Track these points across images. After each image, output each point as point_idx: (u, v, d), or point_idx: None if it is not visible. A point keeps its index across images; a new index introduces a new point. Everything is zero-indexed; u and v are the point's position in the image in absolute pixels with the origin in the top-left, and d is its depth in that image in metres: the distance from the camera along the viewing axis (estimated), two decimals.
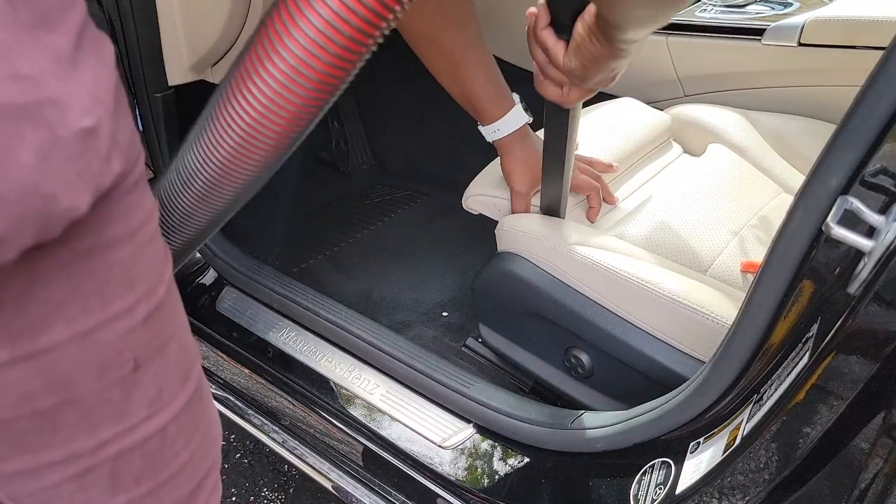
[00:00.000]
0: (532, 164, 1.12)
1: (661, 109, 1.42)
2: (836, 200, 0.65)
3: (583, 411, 1.00)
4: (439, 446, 1.06)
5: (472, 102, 1.08)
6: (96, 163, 0.40)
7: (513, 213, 1.15)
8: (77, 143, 0.39)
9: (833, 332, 0.66)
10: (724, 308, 0.94)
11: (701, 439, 0.81)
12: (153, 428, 0.52)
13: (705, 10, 1.56)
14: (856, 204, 0.63)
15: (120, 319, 0.47)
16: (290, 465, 1.22)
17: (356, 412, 1.15)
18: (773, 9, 1.52)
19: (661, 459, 0.85)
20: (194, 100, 1.39)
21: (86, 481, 0.50)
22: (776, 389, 0.72)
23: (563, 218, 1.14)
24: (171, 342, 0.52)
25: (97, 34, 0.43)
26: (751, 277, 0.80)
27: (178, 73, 1.29)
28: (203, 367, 0.65)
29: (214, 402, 0.64)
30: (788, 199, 0.74)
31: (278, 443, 1.22)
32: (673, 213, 1.18)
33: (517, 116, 1.10)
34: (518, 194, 1.14)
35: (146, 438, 0.52)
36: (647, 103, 1.42)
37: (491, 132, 1.11)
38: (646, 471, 0.86)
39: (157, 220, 0.51)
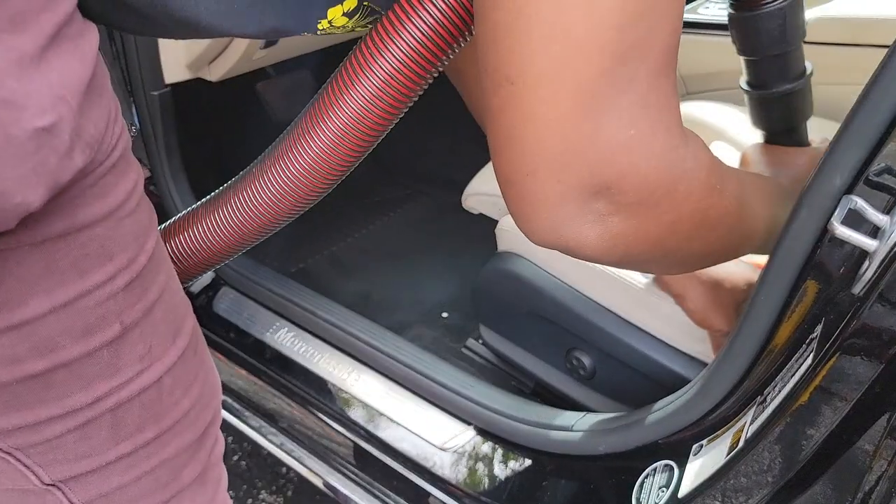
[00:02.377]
0: (722, 279, 0.86)
1: None
2: (840, 200, 0.65)
3: (584, 413, 1.00)
4: (439, 448, 1.06)
5: None
6: (53, 159, 0.42)
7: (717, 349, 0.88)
8: (32, 142, 0.41)
9: (837, 333, 0.66)
10: None
11: (704, 441, 0.80)
12: (147, 380, 0.55)
13: (708, 7, 1.56)
14: (860, 203, 0.62)
15: (99, 289, 0.50)
16: (289, 467, 1.22)
17: (355, 414, 1.14)
18: None
19: (663, 462, 0.84)
20: (191, 98, 1.40)
21: (88, 432, 0.53)
22: (780, 391, 0.71)
23: None
24: (156, 304, 0.55)
25: (82, 28, 0.45)
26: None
27: (174, 70, 1.29)
28: None
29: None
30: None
31: (276, 445, 1.22)
32: None
33: None
34: (725, 335, 0.87)
35: (142, 390, 0.55)
36: None
37: None
38: (648, 473, 0.85)
39: (140, 193, 0.54)
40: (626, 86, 0.47)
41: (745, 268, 0.86)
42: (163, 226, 0.68)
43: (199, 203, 0.67)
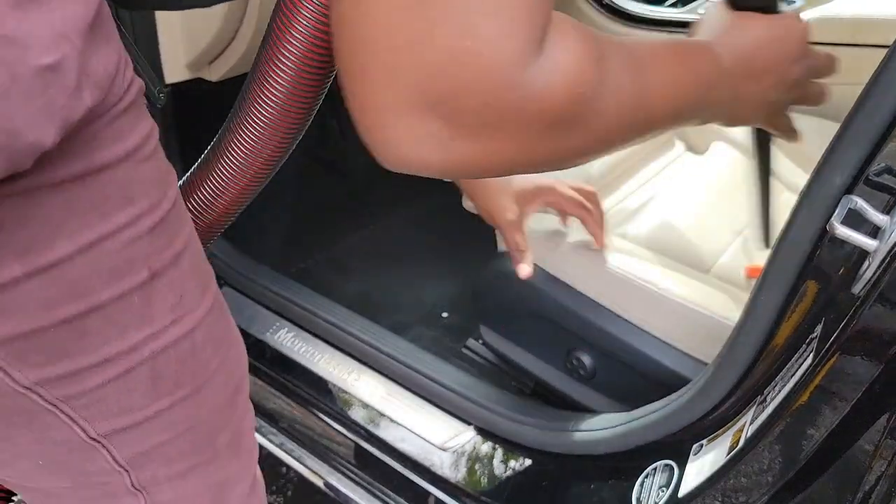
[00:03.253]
0: (508, 182, 0.95)
1: None
2: (840, 200, 0.65)
3: (584, 413, 1.00)
4: (439, 448, 1.06)
5: None
6: (62, 97, 0.42)
7: (508, 247, 1.02)
8: (38, 80, 0.41)
9: (837, 332, 0.66)
10: (727, 309, 0.93)
11: (704, 441, 0.80)
12: (180, 332, 0.56)
13: (708, 7, 1.55)
14: (860, 203, 0.62)
15: (123, 231, 0.50)
16: (289, 467, 1.22)
17: (355, 414, 1.14)
18: None
19: (663, 462, 0.84)
20: (191, 98, 1.39)
21: (129, 383, 0.54)
22: (780, 391, 0.71)
23: None
24: (184, 254, 0.55)
25: None
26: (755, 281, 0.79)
27: (174, 70, 1.29)
28: None
29: None
30: (792, 199, 0.73)
31: (276, 445, 1.21)
32: (675, 213, 1.17)
33: None
34: (509, 225, 0.97)
35: (176, 341, 0.56)
36: None
37: None
38: (648, 473, 0.85)
39: (156, 142, 0.54)
40: None
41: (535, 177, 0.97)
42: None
43: (199, 161, 0.68)
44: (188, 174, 0.69)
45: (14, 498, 0.87)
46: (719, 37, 0.68)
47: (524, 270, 0.97)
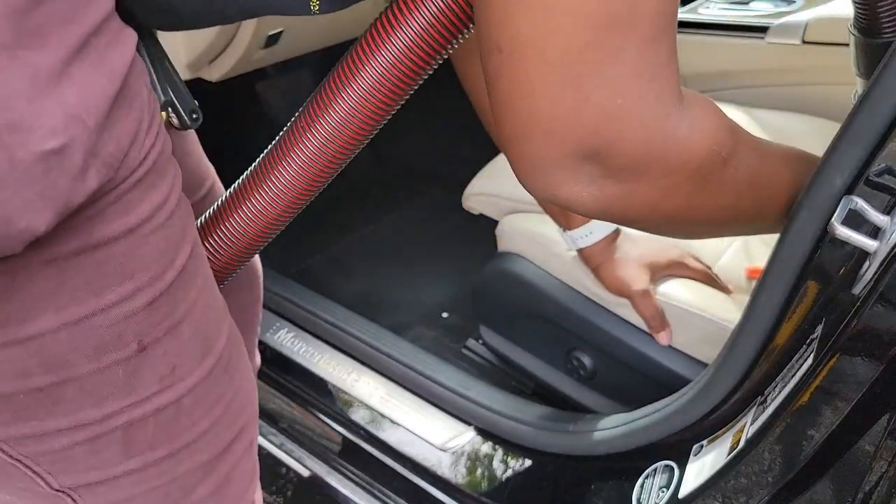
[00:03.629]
0: (640, 256, 0.96)
1: None
2: (840, 200, 0.64)
3: (585, 414, 1.00)
4: (439, 449, 1.06)
5: None
6: (63, 181, 0.40)
7: (643, 315, 0.96)
8: (39, 165, 0.39)
9: (837, 333, 0.66)
10: (727, 309, 0.93)
11: (704, 442, 0.80)
12: (166, 400, 0.54)
13: (708, 6, 1.55)
14: (860, 204, 0.62)
15: (115, 307, 0.48)
16: (289, 467, 1.22)
17: (355, 415, 1.14)
18: (777, 6, 1.51)
19: (664, 462, 0.84)
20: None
21: (97, 446, 0.52)
22: (780, 392, 0.71)
23: None
24: (183, 322, 0.53)
25: (115, 36, 0.43)
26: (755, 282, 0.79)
27: None
28: None
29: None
30: None
31: (276, 445, 1.21)
32: None
33: (604, 224, 0.95)
34: (643, 294, 0.95)
35: (158, 410, 0.54)
36: None
37: (583, 235, 0.96)
38: (648, 474, 0.85)
39: (173, 205, 0.51)
40: (614, 55, 0.47)
41: (663, 243, 0.97)
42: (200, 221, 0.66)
43: (224, 196, 0.66)
44: (208, 213, 0.66)
45: None
46: None
47: (664, 338, 0.96)
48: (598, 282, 0.98)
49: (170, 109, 0.58)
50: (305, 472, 1.18)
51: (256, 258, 0.84)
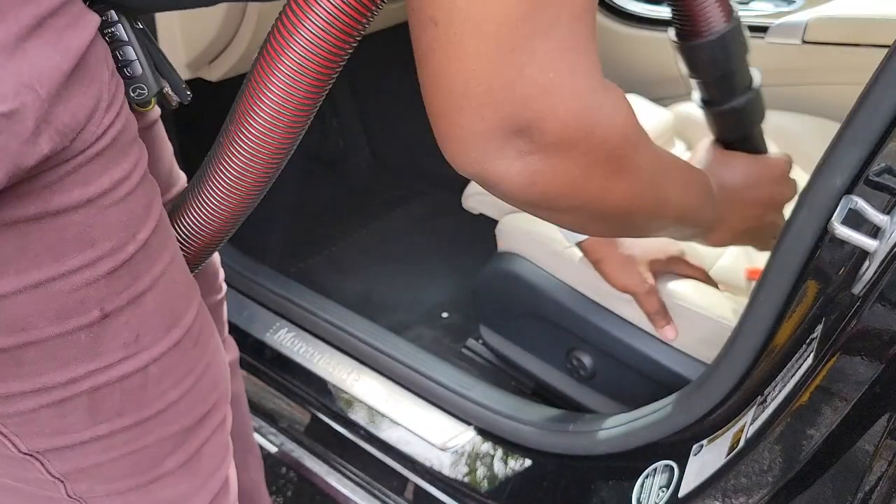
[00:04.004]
0: (643, 252, 0.97)
1: (664, 107, 1.41)
2: (840, 200, 0.64)
3: (584, 414, 1.00)
4: (439, 449, 1.06)
5: None
6: (14, 144, 0.44)
7: (648, 312, 0.97)
8: None
9: (837, 333, 0.66)
10: (726, 309, 0.93)
11: (704, 442, 0.80)
12: (131, 368, 0.56)
13: None
14: (860, 204, 0.62)
15: (77, 273, 0.50)
16: (288, 467, 1.22)
17: (355, 414, 1.14)
18: (777, 6, 1.51)
19: (663, 462, 0.84)
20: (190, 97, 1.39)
21: (63, 410, 0.54)
22: (780, 391, 0.71)
23: None
24: (146, 294, 0.55)
25: (74, 20, 0.47)
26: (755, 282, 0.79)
27: None
28: None
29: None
30: (792, 199, 0.73)
31: (276, 445, 1.21)
32: None
33: None
34: (648, 292, 0.96)
35: (123, 377, 0.55)
36: (650, 100, 1.41)
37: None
38: (648, 474, 0.85)
39: (135, 182, 0.53)
40: (546, 30, 0.49)
41: (663, 241, 0.97)
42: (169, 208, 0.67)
43: (190, 183, 0.67)
44: (174, 200, 0.68)
45: None
46: (708, 168, 0.78)
47: (670, 333, 0.97)
48: (601, 276, 0.98)
49: (169, 89, 0.61)
50: (305, 472, 1.18)
51: (216, 261, 0.85)
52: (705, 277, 1.01)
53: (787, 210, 0.76)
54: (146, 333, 0.56)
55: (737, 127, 0.86)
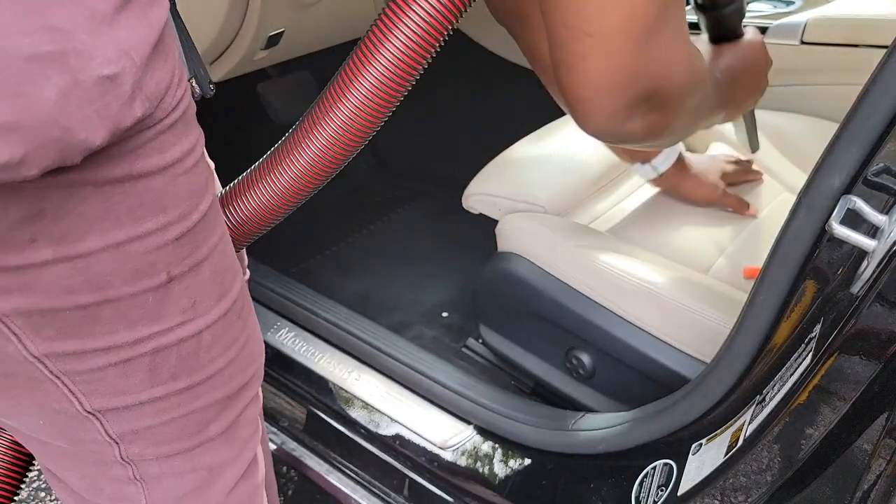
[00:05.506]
0: (709, 168, 1.19)
1: None
2: (838, 200, 0.65)
3: (584, 413, 1.00)
4: (439, 448, 1.06)
5: None
6: (115, 105, 0.48)
7: (731, 206, 1.19)
8: (97, 87, 0.46)
9: (836, 332, 0.66)
10: (725, 308, 0.93)
11: (703, 440, 0.80)
12: (187, 333, 0.60)
13: None
14: (859, 203, 0.62)
15: (151, 236, 0.54)
16: (289, 466, 1.22)
17: (355, 413, 1.14)
18: (776, 7, 1.52)
19: (662, 461, 0.84)
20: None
21: (127, 369, 0.59)
22: (779, 390, 0.71)
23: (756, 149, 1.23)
24: (204, 263, 0.60)
25: (154, 0, 0.51)
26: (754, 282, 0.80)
27: None
28: None
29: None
30: (791, 199, 0.73)
31: (276, 444, 1.22)
32: (674, 213, 1.17)
33: (675, 146, 1.15)
34: (724, 194, 1.19)
35: (181, 340, 0.60)
36: None
37: (662, 161, 1.15)
38: (647, 472, 0.85)
39: (199, 156, 0.58)
40: (667, 21, 0.64)
41: (713, 159, 1.23)
42: (220, 193, 0.74)
43: (246, 173, 0.74)
44: (230, 186, 0.75)
45: (34, 462, 0.94)
46: (712, 64, 0.94)
47: (753, 211, 1.19)
48: (681, 197, 1.20)
49: (194, 79, 0.65)
50: (305, 472, 1.18)
51: (243, 256, 0.90)
52: (758, 177, 1.26)
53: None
54: (202, 301, 0.60)
55: (729, 26, 1.01)
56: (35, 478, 1.59)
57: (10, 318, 0.54)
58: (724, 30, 1.01)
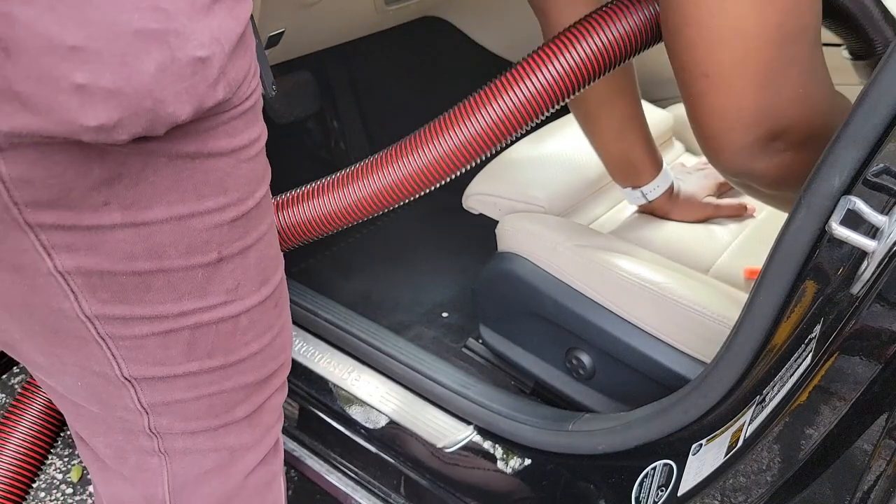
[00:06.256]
0: (699, 189, 1.18)
1: (663, 108, 1.41)
2: (838, 200, 0.65)
3: (584, 413, 1.00)
4: (439, 448, 1.06)
5: (634, 162, 1.10)
6: (203, 85, 0.52)
7: (730, 213, 1.18)
8: (189, 67, 0.50)
9: (836, 332, 0.66)
10: (726, 308, 0.93)
11: (703, 441, 0.80)
12: (227, 313, 0.63)
13: None
14: (858, 204, 0.62)
15: (210, 214, 0.58)
16: (289, 466, 1.22)
17: (355, 413, 1.14)
18: None
19: (662, 461, 0.84)
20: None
21: (167, 341, 0.62)
22: (779, 391, 0.71)
23: None
24: (251, 249, 0.63)
25: None
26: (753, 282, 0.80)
27: None
28: None
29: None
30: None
31: None
32: None
33: (667, 175, 1.14)
34: (717, 207, 1.18)
35: (221, 319, 0.63)
36: (649, 101, 1.42)
37: (653, 188, 1.13)
38: (647, 473, 0.85)
39: (260, 147, 0.62)
40: (793, 59, 0.66)
41: (704, 177, 1.21)
42: (275, 199, 0.80)
43: (306, 187, 0.80)
44: (286, 194, 0.81)
45: (65, 429, 1.00)
46: None
47: (751, 209, 1.19)
48: (677, 218, 1.17)
49: (261, 77, 0.68)
50: (306, 471, 1.18)
51: None
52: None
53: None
54: (245, 284, 0.63)
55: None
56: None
57: (71, 275, 0.56)
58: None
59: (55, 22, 0.46)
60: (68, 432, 1.13)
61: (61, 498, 1.53)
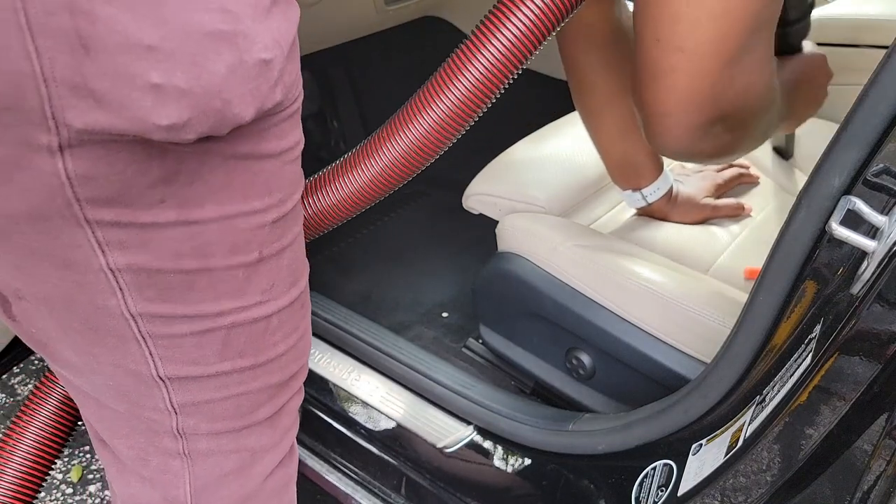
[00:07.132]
0: (697, 191, 1.18)
1: None
2: (838, 201, 0.65)
3: (584, 413, 1.00)
4: (439, 448, 1.06)
5: (636, 162, 1.10)
6: (265, 87, 0.53)
7: (727, 213, 1.18)
8: (255, 68, 0.51)
9: (836, 333, 0.66)
10: (725, 308, 0.93)
11: (703, 441, 0.80)
12: (261, 314, 0.64)
13: None
14: (858, 204, 0.62)
15: (255, 215, 0.59)
16: None
17: (355, 413, 1.14)
18: None
19: (662, 461, 0.84)
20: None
21: (203, 340, 0.62)
22: (779, 391, 0.71)
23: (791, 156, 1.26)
24: (287, 250, 0.64)
25: (292, 3, 0.57)
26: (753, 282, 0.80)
27: None
28: None
29: None
30: (790, 199, 0.73)
31: None
32: None
33: (667, 177, 1.13)
34: (714, 208, 1.18)
35: (255, 319, 0.64)
36: None
37: (652, 191, 1.12)
38: (647, 473, 0.85)
39: (301, 150, 0.63)
40: (753, 49, 0.66)
41: (702, 178, 1.21)
42: None
43: (319, 173, 0.82)
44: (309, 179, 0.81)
45: (80, 423, 0.99)
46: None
47: (748, 207, 1.19)
48: (676, 220, 1.17)
49: None
50: (306, 471, 1.18)
51: None
52: (754, 179, 1.27)
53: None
54: (278, 285, 0.64)
55: (794, 41, 1.03)
56: None
57: (121, 272, 0.56)
58: (788, 45, 1.02)
59: (133, 21, 0.46)
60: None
61: (61, 498, 1.53)
